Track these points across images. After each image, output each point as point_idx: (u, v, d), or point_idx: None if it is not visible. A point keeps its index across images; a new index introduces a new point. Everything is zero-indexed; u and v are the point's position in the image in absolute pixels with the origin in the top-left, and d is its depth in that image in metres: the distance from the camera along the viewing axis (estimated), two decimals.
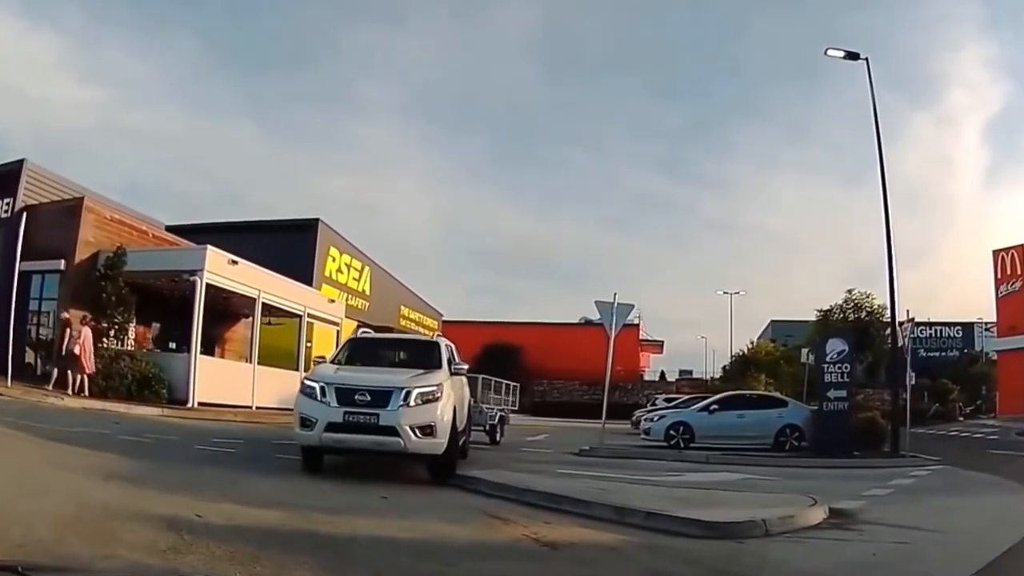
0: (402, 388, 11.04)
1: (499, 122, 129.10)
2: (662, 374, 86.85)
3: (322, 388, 11.16)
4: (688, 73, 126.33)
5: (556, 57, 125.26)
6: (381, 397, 10.92)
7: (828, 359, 22.14)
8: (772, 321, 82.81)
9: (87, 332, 21.61)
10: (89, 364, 21.43)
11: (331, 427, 10.83)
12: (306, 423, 11.07)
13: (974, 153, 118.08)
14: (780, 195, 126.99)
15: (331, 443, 11.11)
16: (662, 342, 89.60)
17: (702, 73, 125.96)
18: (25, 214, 22.73)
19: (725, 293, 76.76)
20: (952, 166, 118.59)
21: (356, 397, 10.92)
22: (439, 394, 11.33)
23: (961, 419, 46.90)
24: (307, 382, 11.64)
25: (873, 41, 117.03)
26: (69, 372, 20.93)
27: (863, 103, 24.36)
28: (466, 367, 14.00)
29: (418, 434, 10.81)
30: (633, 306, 21.81)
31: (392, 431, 10.76)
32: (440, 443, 11.14)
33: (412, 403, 10.92)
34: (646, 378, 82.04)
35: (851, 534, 8.93)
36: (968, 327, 72.43)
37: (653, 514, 8.77)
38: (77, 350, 21.19)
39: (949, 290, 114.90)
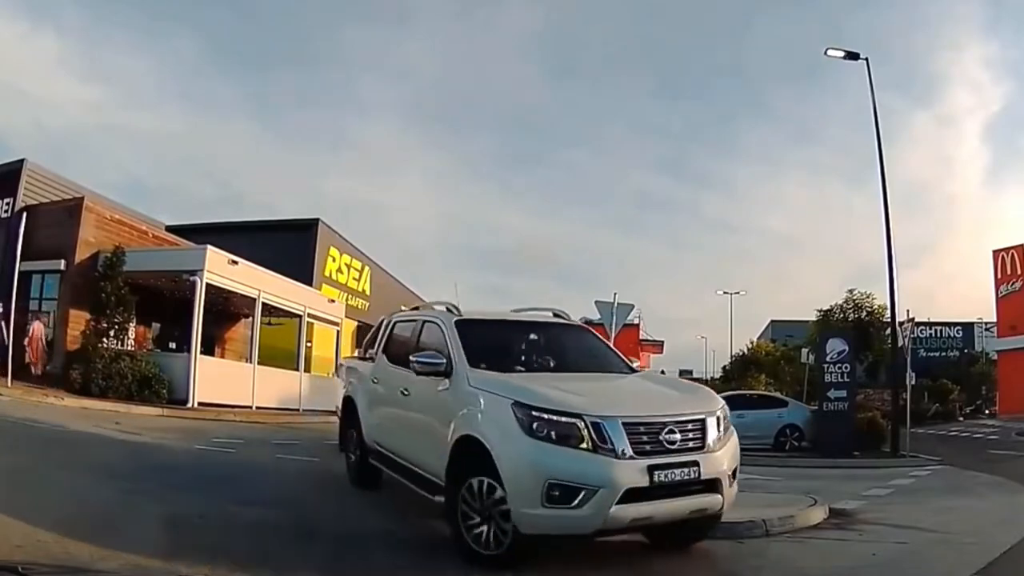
0: (712, 413, 7.06)
1: (502, 122, 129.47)
2: (662, 374, 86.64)
3: (595, 425, 6.29)
4: (690, 73, 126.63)
5: (559, 57, 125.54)
6: (695, 431, 6.78)
7: (828, 359, 22.17)
8: (772, 321, 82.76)
9: (36, 326, 22.62)
10: (37, 356, 22.31)
11: (629, 496, 6.20)
12: (570, 495, 6.13)
13: (974, 153, 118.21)
14: (781, 195, 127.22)
15: (624, 525, 6.46)
16: (662, 342, 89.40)
17: (704, 73, 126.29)
18: (25, 214, 22.75)
19: (725, 293, 76.73)
20: (952, 166, 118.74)
21: (664, 437, 6.52)
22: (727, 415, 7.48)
23: (961, 419, 46.86)
24: (556, 417, 6.35)
25: (875, 41, 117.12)
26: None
27: (865, 103, 24.34)
28: (637, 364, 9.45)
29: (730, 483, 7.05)
30: (633, 306, 21.73)
31: (714, 486, 6.76)
32: (735, 490, 7.29)
33: (722, 436, 7.07)
34: None
35: (851, 534, 8.93)
36: (968, 327, 72.25)
37: None
38: (26, 342, 22.03)
39: (949, 290, 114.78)
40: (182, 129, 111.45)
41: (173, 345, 25.67)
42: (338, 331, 33.17)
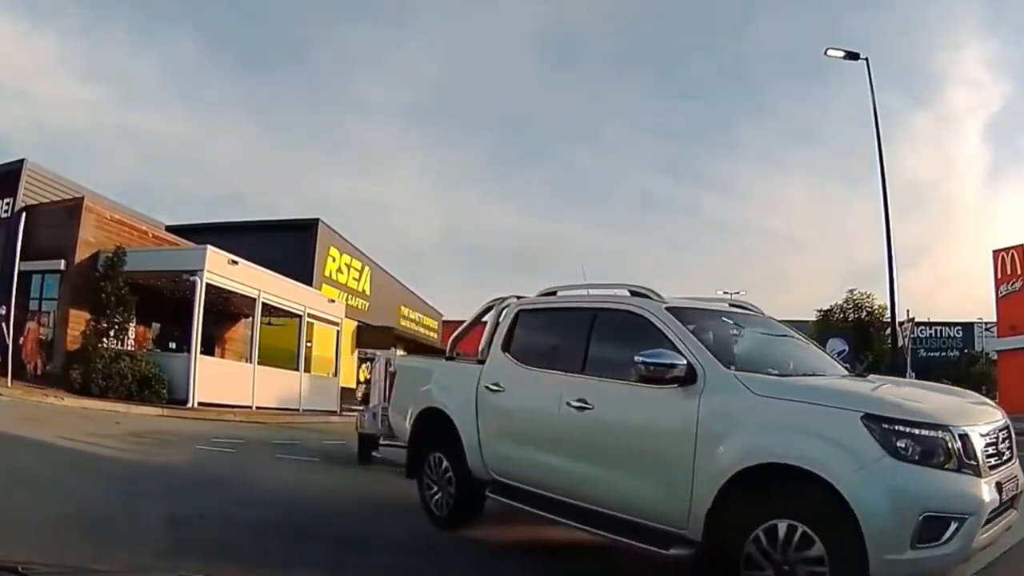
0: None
1: (501, 121, 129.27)
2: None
3: (962, 438, 4.97)
4: (690, 73, 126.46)
5: (559, 56, 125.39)
6: (1009, 439, 5.69)
7: None
8: None
9: (31, 326, 22.97)
10: (31, 355, 22.56)
11: (988, 520, 4.97)
12: (941, 528, 4.75)
13: (974, 153, 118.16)
14: (781, 195, 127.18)
15: (972, 556, 5.17)
16: None
17: (704, 73, 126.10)
18: (24, 214, 22.75)
19: (725, 293, 76.47)
20: (952, 166, 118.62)
21: (1000, 447, 5.40)
22: None
23: None
24: (922, 431, 4.89)
25: (875, 40, 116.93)
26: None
27: (865, 102, 24.33)
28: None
29: None
30: None
31: (1014, 500, 5.48)
32: None
33: None
34: None
35: None
36: (968, 327, 72.21)
37: None
38: (21, 341, 22.22)
39: (949, 290, 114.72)
40: (182, 129, 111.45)
41: (173, 345, 25.68)
42: (338, 331, 33.25)
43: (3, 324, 21.37)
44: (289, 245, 36.60)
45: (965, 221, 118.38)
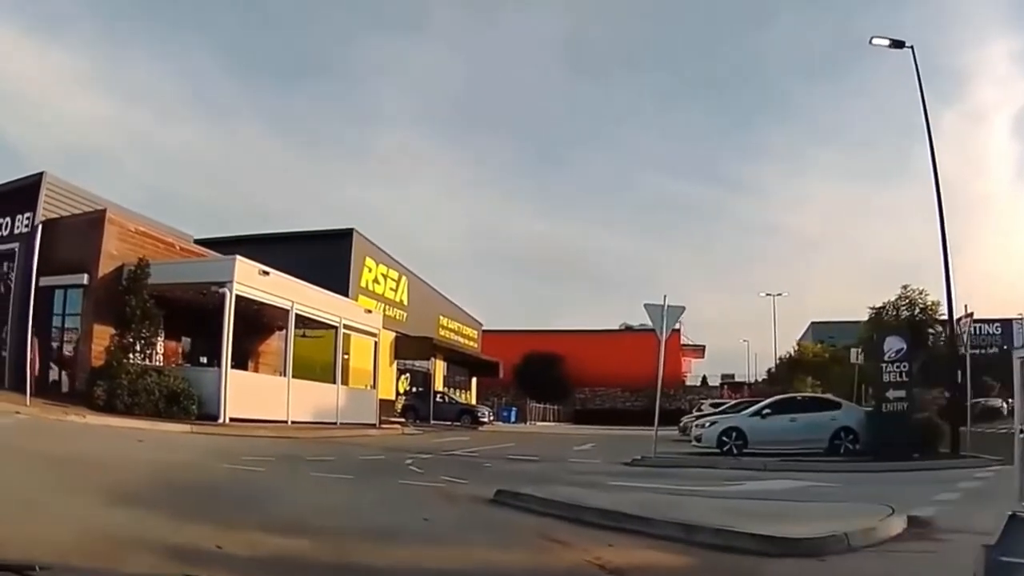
0: None
1: (530, 127, 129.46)
2: (704, 379, 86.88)
3: None
4: (719, 75, 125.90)
5: (583, 59, 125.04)
6: None
7: (887, 358, 21.21)
8: (812, 323, 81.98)
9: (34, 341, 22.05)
10: (34, 368, 21.73)
11: None
12: None
13: (1006, 148, 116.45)
14: (813, 195, 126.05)
15: None
16: (703, 347, 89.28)
17: (732, 74, 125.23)
18: (41, 228, 22.05)
19: (768, 295, 75.41)
20: (985, 161, 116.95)
21: None
22: None
23: (1005, 415, 46.11)
24: None
25: (901, 36, 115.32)
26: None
27: (893, 100, 23.74)
28: None
29: None
30: (684, 308, 20.85)
31: None
32: None
33: None
34: (688, 383, 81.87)
35: (937, 545, 8.15)
36: (1007, 323, 70.79)
37: (723, 531, 7.83)
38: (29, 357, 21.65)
39: (986, 287, 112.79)
40: (206, 143, 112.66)
41: (204, 359, 25.29)
42: (376, 342, 32.85)
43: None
44: (323, 256, 36.36)
45: (1001, 216, 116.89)
